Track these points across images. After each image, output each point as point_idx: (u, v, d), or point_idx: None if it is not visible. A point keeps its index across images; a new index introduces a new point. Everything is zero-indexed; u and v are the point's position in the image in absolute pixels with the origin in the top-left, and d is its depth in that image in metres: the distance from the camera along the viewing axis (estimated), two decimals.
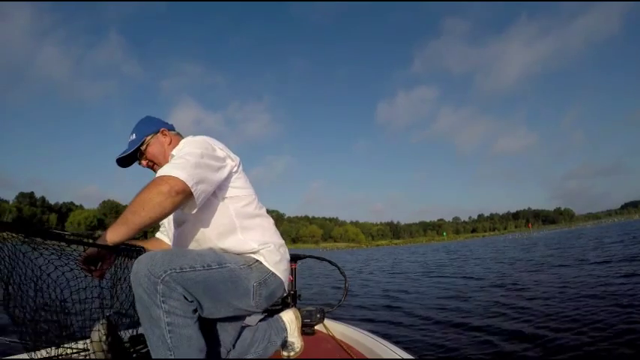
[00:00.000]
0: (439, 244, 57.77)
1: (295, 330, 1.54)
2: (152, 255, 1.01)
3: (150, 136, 1.36)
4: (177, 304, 1.00)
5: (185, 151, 1.16)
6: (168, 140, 1.38)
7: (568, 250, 12.43)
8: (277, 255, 1.30)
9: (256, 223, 1.30)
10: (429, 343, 3.28)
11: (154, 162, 1.37)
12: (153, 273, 0.97)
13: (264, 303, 1.25)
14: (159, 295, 0.98)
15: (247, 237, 1.26)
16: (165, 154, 1.35)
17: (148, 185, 1.05)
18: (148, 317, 1.00)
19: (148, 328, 1.01)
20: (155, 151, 1.36)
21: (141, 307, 1.00)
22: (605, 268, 6.74)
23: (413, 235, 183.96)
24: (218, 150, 1.25)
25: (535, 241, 22.73)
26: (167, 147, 1.36)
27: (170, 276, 0.99)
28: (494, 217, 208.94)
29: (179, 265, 1.02)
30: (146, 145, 1.36)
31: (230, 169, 1.26)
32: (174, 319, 0.99)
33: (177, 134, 1.43)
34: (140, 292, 0.98)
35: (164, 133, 1.39)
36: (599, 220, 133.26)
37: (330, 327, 1.92)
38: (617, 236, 16.69)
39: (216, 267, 1.11)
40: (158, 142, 1.37)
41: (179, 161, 1.11)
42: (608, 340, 2.86)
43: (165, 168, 1.09)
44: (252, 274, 1.20)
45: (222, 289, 1.12)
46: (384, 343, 1.53)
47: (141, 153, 1.36)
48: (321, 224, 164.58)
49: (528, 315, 3.92)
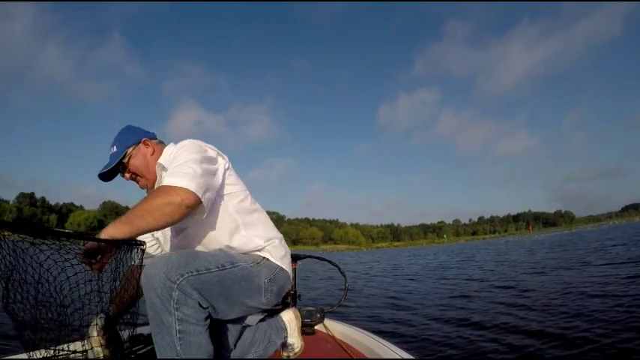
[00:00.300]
0: (439, 247, 57.70)
1: (295, 330, 1.54)
2: (167, 258, 0.99)
3: (132, 148, 1.30)
4: (190, 312, 0.99)
5: (186, 159, 1.14)
6: (151, 150, 1.32)
7: (575, 252, 12.40)
8: (282, 249, 1.32)
9: (256, 219, 1.31)
10: (429, 343, 3.27)
11: (137, 174, 1.31)
12: (169, 277, 0.96)
13: (274, 299, 1.27)
14: (173, 302, 0.96)
15: (251, 233, 1.26)
16: (148, 165, 1.30)
17: (158, 192, 1.05)
18: (158, 322, 0.98)
19: (157, 333, 1.00)
20: (138, 163, 1.30)
21: (152, 312, 0.98)
22: (611, 269, 6.74)
23: (413, 237, 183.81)
24: (209, 150, 1.25)
25: (538, 243, 22.68)
26: (150, 157, 1.31)
27: (187, 280, 0.98)
28: (494, 219, 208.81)
29: (195, 268, 1.01)
30: (128, 158, 1.29)
31: (223, 167, 1.26)
32: (186, 326, 0.98)
33: (160, 142, 1.38)
34: (153, 297, 0.97)
35: (146, 143, 1.33)
36: (599, 222, 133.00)
37: (330, 327, 1.92)
38: (619, 239, 16.66)
39: (230, 267, 1.11)
40: (141, 154, 1.31)
41: (187, 170, 1.09)
42: (613, 338, 2.85)
43: (175, 178, 1.07)
44: (262, 272, 1.21)
45: (237, 288, 1.12)
46: (384, 343, 1.53)
47: (123, 166, 1.30)
48: (322, 226, 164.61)
49: (528, 315, 3.91)
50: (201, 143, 1.25)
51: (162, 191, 1.04)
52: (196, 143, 1.23)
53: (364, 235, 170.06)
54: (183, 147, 1.21)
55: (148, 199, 1.03)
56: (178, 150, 1.21)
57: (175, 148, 1.24)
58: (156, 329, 1.00)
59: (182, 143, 1.24)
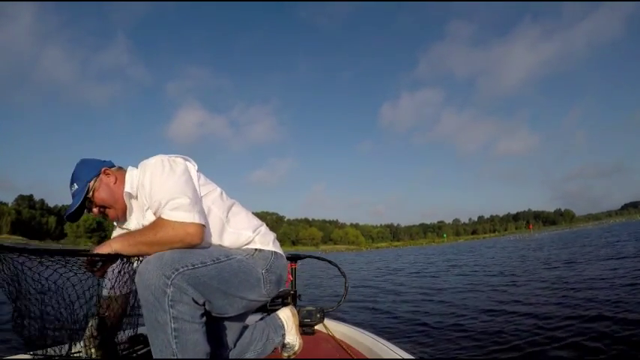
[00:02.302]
0: (439, 246, 57.72)
1: (293, 327, 1.54)
2: (160, 255, 1.00)
3: (93, 181, 1.23)
4: (185, 309, 0.98)
5: (169, 184, 1.11)
6: (113, 179, 1.25)
7: (581, 249, 12.41)
8: (270, 235, 1.32)
9: (236, 212, 1.29)
10: (429, 343, 3.27)
11: (105, 206, 1.25)
12: (164, 273, 0.96)
13: (274, 289, 1.26)
14: (167, 299, 0.96)
15: (238, 227, 1.25)
16: (114, 194, 1.24)
17: (168, 227, 1.05)
18: (153, 321, 0.98)
19: (152, 331, 0.99)
20: (104, 195, 1.23)
21: (146, 310, 0.98)
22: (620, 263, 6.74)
23: (413, 237, 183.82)
24: (179, 163, 1.20)
25: (548, 241, 22.64)
26: (114, 186, 1.24)
27: (182, 275, 0.98)
28: (494, 218, 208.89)
29: (190, 262, 1.01)
30: (92, 192, 1.23)
31: (195, 172, 1.23)
32: (181, 324, 0.97)
33: (119, 169, 1.31)
34: (146, 295, 0.96)
35: (106, 172, 1.26)
36: (599, 220, 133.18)
37: (330, 327, 1.92)
38: (626, 234, 16.71)
39: (225, 259, 1.12)
40: (104, 184, 1.24)
41: (184, 202, 1.07)
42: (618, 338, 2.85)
43: (180, 213, 1.06)
44: (257, 263, 1.21)
45: (235, 281, 1.12)
46: (384, 343, 1.53)
47: (89, 201, 1.24)
48: (321, 226, 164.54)
49: (530, 315, 3.90)
50: (166, 157, 1.20)
51: (175, 227, 1.05)
52: (164, 162, 1.17)
53: (364, 236, 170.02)
54: (153, 171, 1.15)
55: (159, 232, 1.04)
56: (149, 175, 1.15)
57: (143, 173, 1.17)
58: (150, 328, 0.99)
59: (148, 165, 1.18)
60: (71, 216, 1.24)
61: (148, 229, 1.07)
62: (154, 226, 1.07)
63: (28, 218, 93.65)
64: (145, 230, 1.08)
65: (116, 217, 1.28)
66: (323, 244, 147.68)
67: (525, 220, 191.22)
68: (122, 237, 1.08)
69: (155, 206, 1.11)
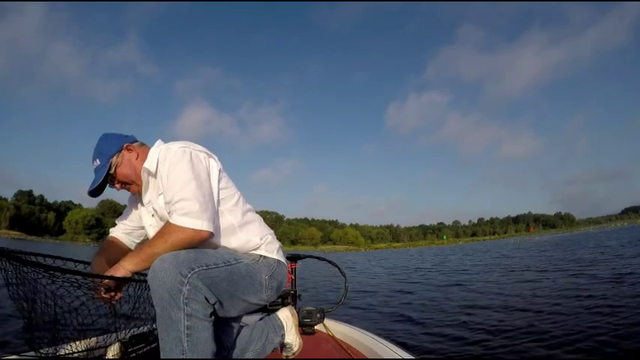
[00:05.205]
0: (439, 248, 57.71)
1: (292, 327, 1.54)
2: (176, 254, 1.02)
3: (115, 156, 1.24)
4: (199, 307, 1.00)
5: (183, 185, 1.10)
6: (135, 155, 1.26)
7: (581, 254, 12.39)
8: (276, 243, 1.34)
9: (249, 219, 1.30)
10: (429, 343, 3.27)
11: (127, 182, 1.26)
12: (180, 272, 0.97)
13: (273, 295, 1.29)
14: (182, 297, 0.97)
15: (247, 234, 1.26)
16: (136, 170, 1.25)
17: (177, 233, 1.06)
18: (166, 318, 0.99)
19: (163, 329, 1.00)
20: (126, 170, 1.24)
21: (159, 307, 0.99)
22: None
23: (413, 238, 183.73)
24: (202, 159, 1.19)
25: (553, 244, 22.58)
26: (135, 162, 1.25)
27: (198, 274, 1.00)
28: (494, 221, 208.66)
29: (204, 263, 1.04)
30: (115, 167, 1.24)
31: (217, 172, 1.22)
32: (194, 322, 0.99)
33: (142, 144, 1.32)
34: (161, 292, 0.97)
35: (129, 148, 1.26)
36: (599, 225, 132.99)
37: (330, 327, 1.93)
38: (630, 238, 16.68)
39: (235, 262, 1.14)
40: (126, 160, 1.25)
41: (195, 208, 1.07)
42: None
43: (189, 219, 1.06)
44: (262, 269, 1.23)
45: (242, 284, 1.14)
46: (384, 343, 1.54)
47: (112, 177, 1.24)
48: (321, 226, 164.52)
49: (530, 315, 3.91)
50: (190, 150, 1.18)
51: (182, 232, 1.07)
52: (186, 154, 1.16)
53: (363, 236, 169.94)
54: (172, 161, 1.14)
55: (169, 238, 1.06)
56: (167, 164, 1.15)
57: (166, 161, 1.16)
58: (162, 325, 1.00)
59: (170, 152, 1.17)
60: (94, 191, 1.24)
61: (157, 239, 1.09)
62: (163, 234, 1.09)
63: (27, 214, 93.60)
64: (154, 241, 1.09)
65: (138, 193, 1.30)
66: (322, 244, 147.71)
67: (525, 223, 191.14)
68: (132, 256, 1.10)
69: (167, 198, 1.12)
